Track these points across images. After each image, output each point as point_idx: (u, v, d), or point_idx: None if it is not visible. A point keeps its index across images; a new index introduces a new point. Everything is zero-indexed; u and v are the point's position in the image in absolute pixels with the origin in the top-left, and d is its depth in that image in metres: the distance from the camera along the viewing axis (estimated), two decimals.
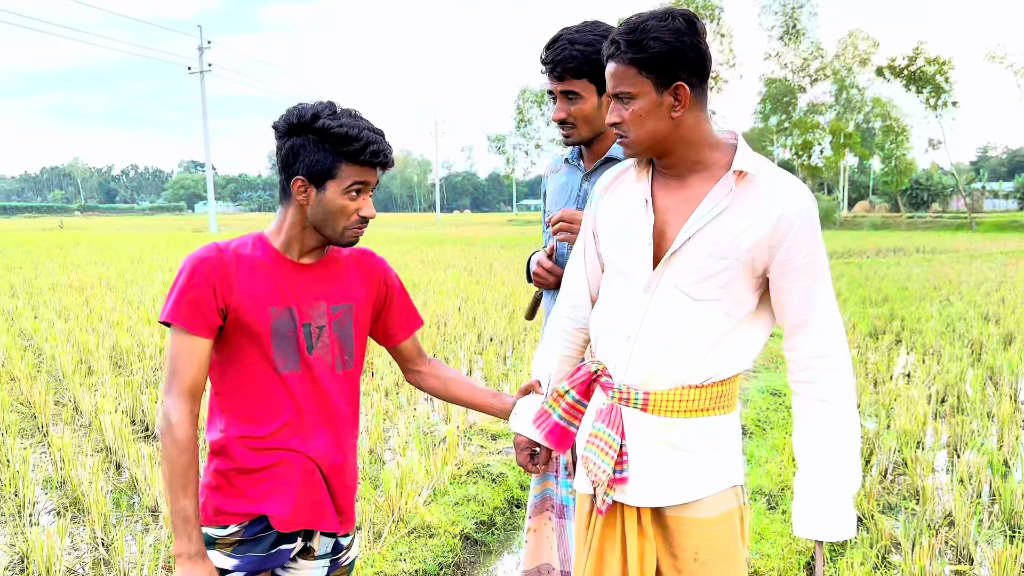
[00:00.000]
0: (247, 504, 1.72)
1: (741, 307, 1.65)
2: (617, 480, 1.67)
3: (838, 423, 1.64)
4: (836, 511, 1.64)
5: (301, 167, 1.66)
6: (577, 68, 2.11)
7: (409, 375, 2.07)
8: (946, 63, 45.55)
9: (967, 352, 8.02)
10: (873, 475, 4.57)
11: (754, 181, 1.62)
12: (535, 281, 2.38)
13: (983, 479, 4.49)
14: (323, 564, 1.84)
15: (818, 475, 1.65)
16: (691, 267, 1.62)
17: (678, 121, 1.61)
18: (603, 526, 1.73)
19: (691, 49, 1.57)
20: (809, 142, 53.83)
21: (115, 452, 4.77)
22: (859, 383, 6.76)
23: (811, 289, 1.63)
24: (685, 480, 1.67)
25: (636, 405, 1.68)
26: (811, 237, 1.62)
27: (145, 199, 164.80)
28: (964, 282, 14.76)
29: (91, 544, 3.63)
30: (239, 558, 1.73)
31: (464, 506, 4.04)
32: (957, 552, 3.66)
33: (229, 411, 1.73)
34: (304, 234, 1.74)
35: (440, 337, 8.58)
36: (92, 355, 7.30)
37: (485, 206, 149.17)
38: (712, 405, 1.67)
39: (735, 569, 1.70)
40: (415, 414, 5.65)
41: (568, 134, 2.23)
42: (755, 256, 1.61)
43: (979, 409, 5.90)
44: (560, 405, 1.83)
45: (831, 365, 1.63)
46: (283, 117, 1.69)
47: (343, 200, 1.67)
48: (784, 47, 54.48)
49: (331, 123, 1.62)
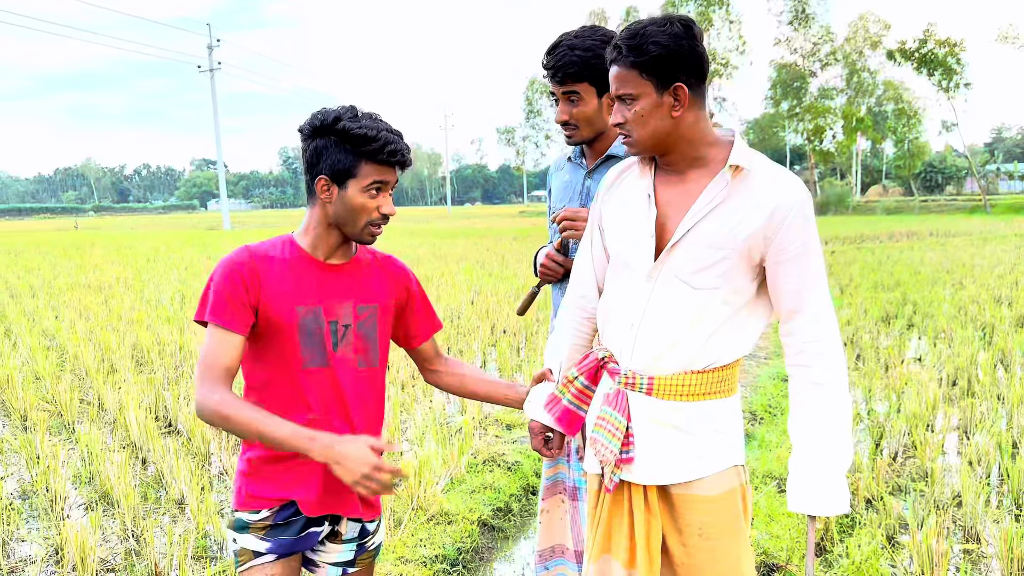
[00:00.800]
0: (277, 490, 1.83)
1: (739, 295, 1.73)
2: (623, 460, 1.77)
3: (830, 404, 1.72)
4: (829, 487, 1.72)
5: (324, 167, 1.76)
6: (577, 72, 2.22)
7: (427, 375, 2.17)
8: (957, 45, 45.16)
9: (979, 335, 8.05)
10: (883, 457, 4.64)
11: (750, 175, 1.71)
12: (542, 273, 2.48)
13: (992, 460, 4.55)
14: (350, 548, 1.95)
15: (812, 453, 1.74)
16: (691, 257, 1.71)
17: (678, 120, 1.70)
18: (611, 504, 1.83)
19: (688, 52, 1.66)
20: (821, 127, 53.59)
21: (140, 448, 4.91)
22: (870, 367, 6.82)
23: (804, 277, 1.70)
24: (688, 460, 1.76)
25: (641, 389, 1.77)
26: (804, 228, 1.69)
27: (158, 198, 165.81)
28: (977, 265, 14.73)
29: (121, 536, 3.75)
30: (271, 540, 1.83)
31: (481, 494, 4.14)
32: (965, 532, 3.73)
33: (259, 404, 1.82)
34: (328, 233, 1.84)
35: (454, 330, 8.69)
36: (114, 353, 7.45)
37: (496, 198, 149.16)
38: (714, 389, 1.76)
39: (738, 545, 1.79)
40: (431, 406, 5.76)
41: (571, 134, 2.34)
42: (751, 246, 1.69)
43: (989, 392, 5.94)
44: (570, 390, 1.92)
45: (824, 349, 1.72)
46: (308, 120, 1.79)
47: (363, 198, 1.77)
48: (794, 32, 54.21)
49: (351, 125, 1.73)
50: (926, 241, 22.76)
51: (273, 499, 1.83)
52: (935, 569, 3.26)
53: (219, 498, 4.16)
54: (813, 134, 53.87)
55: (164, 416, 5.62)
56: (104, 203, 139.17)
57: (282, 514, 1.84)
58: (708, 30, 53.68)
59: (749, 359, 7.70)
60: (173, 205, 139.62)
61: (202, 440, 4.89)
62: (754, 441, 5.06)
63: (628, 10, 55.41)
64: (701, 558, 1.77)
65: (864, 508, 3.97)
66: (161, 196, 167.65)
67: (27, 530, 3.85)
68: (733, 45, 54.50)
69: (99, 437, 4.97)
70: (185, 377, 6.60)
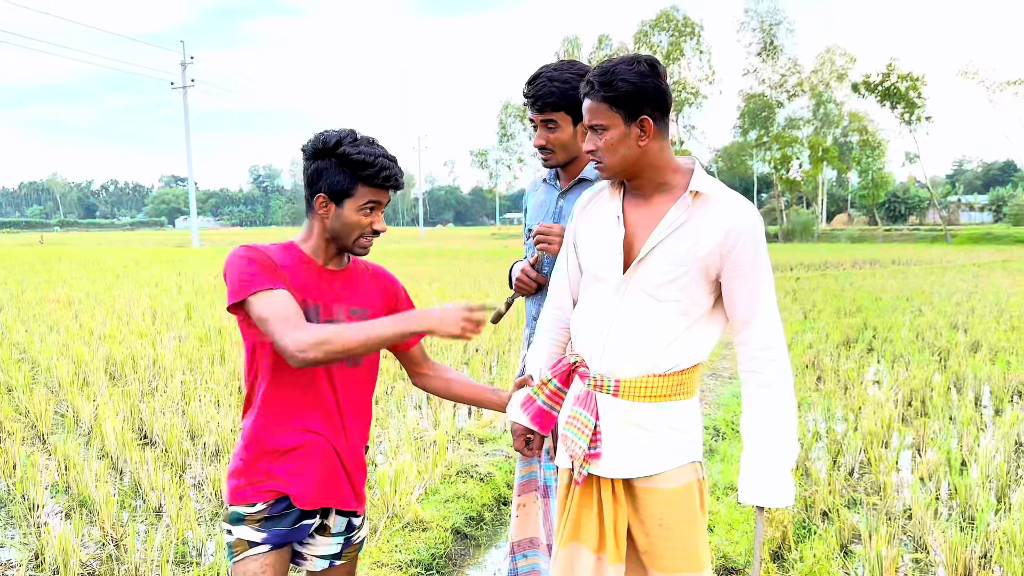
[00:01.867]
0: (272, 484, 1.96)
1: (697, 307, 1.93)
2: (591, 455, 1.95)
3: (778, 405, 1.91)
4: (776, 480, 1.91)
5: (323, 186, 1.94)
6: (556, 102, 2.44)
7: (415, 378, 2.33)
8: (918, 79, 46.50)
9: (935, 359, 8.36)
10: (840, 472, 4.85)
11: (708, 200, 1.91)
12: (517, 287, 2.67)
13: (942, 476, 4.78)
14: (337, 541, 2.09)
15: (761, 449, 1.92)
16: (655, 272, 1.91)
17: (644, 149, 1.90)
18: (581, 496, 2.01)
19: (653, 89, 1.87)
20: (788, 156, 54.70)
21: (117, 458, 4.96)
22: (830, 388, 7.06)
23: (755, 291, 1.90)
24: (650, 455, 1.94)
25: (609, 391, 1.96)
26: (755, 248, 1.90)
27: (125, 214, 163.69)
28: (936, 293, 15.19)
29: (101, 542, 3.82)
30: (266, 531, 1.96)
31: (454, 503, 4.28)
32: (914, 541, 3.93)
33: (261, 395, 1.97)
34: (327, 243, 2.01)
35: (427, 348, 8.80)
36: (87, 367, 7.47)
37: (468, 220, 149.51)
38: (674, 391, 1.95)
39: (695, 534, 1.97)
40: (405, 420, 5.88)
41: (547, 158, 2.57)
42: (709, 263, 1.89)
43: (942, 412, 6.20)
44: (544, 392, 2.11)
45: (772, 356, 1.92)
46: (311, 142, 1.96)
47: (358, 216, 1.95)
48: (762, 63, 55.42)
49: (351, 150, 1.90)
50: (888, 269, 23.34)
51: (269, 492, 1.96)
52: (884, 575, 3.46)
53: (197, 507, 4.24)
54: (780, 163, 54.97)
55: (139, 428, 5.67)
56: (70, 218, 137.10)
57: (276, 507, 1.97)
58: (679, 60, 54.74)
59: (714, 378, 7.92)
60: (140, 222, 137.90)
61: (179, 451, 4.96)
62: (717, 455, 5.25)
63: (601, 38, 56.37)
64: (662, 545, 1.94)
65: (820, 519, 4.16)
66: (128, 212, 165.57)
67: (6, 536, 3.90)
68: (703, 75, 55.66)
69: (76, 447, 5.02)
70: (160, 390, 6.65)
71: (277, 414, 1.96)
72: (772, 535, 3.86)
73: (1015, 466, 4.98)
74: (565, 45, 57.92)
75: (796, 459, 1.96)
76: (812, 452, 5.26)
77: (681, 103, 55.44)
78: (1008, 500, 4.44)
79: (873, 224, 61.05)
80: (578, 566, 1.99)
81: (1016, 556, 3.54)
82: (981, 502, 4.29)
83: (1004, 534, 3.73)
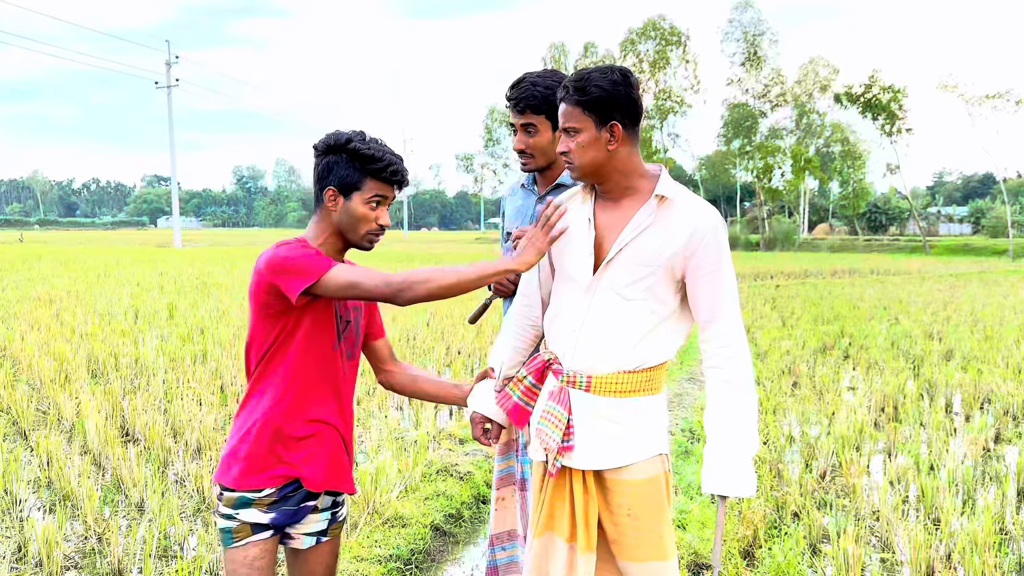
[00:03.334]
0: (284, 468, 2.04)
1: (664, 306, 2.03)
2: (565, 448, 2.04)
3: (739, 399, 2.01)
4: (739, 471, 2.00)
5: (334, 179, 2.05)
6: (537, 106, 2.53)
7: (381, 375, 2.42)
8: (900, 91, 47.08)
9: (908, 367, 8.52)
10: (812, 475, 4.96)
11: (673, 204, 2.02)
12: (496, 288, 2.76)
13: (911, 479, 4.90)
14: (324, 517, 2.19)
15: (723, 442, 2.01)
16: (623, 272, 2.01)
17: (613, 153, 2.01)
18: (554, 487, 2.10)
19: (624, 97, 1.97)
20: (770, 165, 55.17)
21: (99, 455, 5.00)
22: (805, 393, 7.19)
23: (717, 291, 2.00)
24: (620, 448, 2.04)
25: (581, 386, 2.06)
26: (717, 250, 1.99)
27: (107, 213, 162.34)
28: (913, 302, 15.42)
29: (83, 535, 3.86)
30: (276, 512, 2.05)
31: (434, 500, 4.35)
32: (881, 541, 4.04)
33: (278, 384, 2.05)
34: (334, 239, 2.11)
35: (409, 351, 8.88)
36: (69, 364, 7.47)
37: (453, 224, 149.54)
38: (643, 387, 2.05)
39: (661, 524, 2.06)
40: (387, 421, 5.94)
41: (526, 162, 2.66)
42: (673, 264, 1.99)
43: (913, 418, 6.35)
44: (519, 388, 2.21)
45: (733, 353, 2.01)
46: (323, 140, 2.08)
47: (365, 209, 2.05)
48: (746, 73, 55.89)
49: (361, 146, 2.02)
50: (867, 279, 23.64)
51: (280, 477, 2.04)
52: (850, 573, 3.56)
53: (180, 503, 4.29)
54: (763, 172, 55.44)
55: (122, 426, 5.70)
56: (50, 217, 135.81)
57: (284, 490, 2.05)
58: (665, 68, 55.10)
59: (690, 382, 8.03)
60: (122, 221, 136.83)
61: (161, 448, 5.00)
62: (692, 457, 5.35)
63: (587, 45, 56.61)
64: (630, 535, 2.03)
65: (791, 520, 4.27)
66: (110, 212, 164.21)
67: None
68: (688, 84, 56.09)
69: (58, 444, 5.05)
70: (141, 388, 6.67)
71: (295, 402, 2.05)
72: (743, 534, 3.96)
73: (981, 470, 5.12)
74: (552, 51, 58.15)
75: (756, 451, 2.05)
76: (785, 455, 5.38)
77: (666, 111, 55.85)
78: (973, 502, 4.57)
79: (854, 234, 61.66)
80: (551, 555, 2.08)
81: (977, 555, 3.66)
82: (947, 504, 4.41)
83: (967, 535, 3.85)
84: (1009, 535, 4.09)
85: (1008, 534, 4.10)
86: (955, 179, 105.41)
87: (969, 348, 9.61)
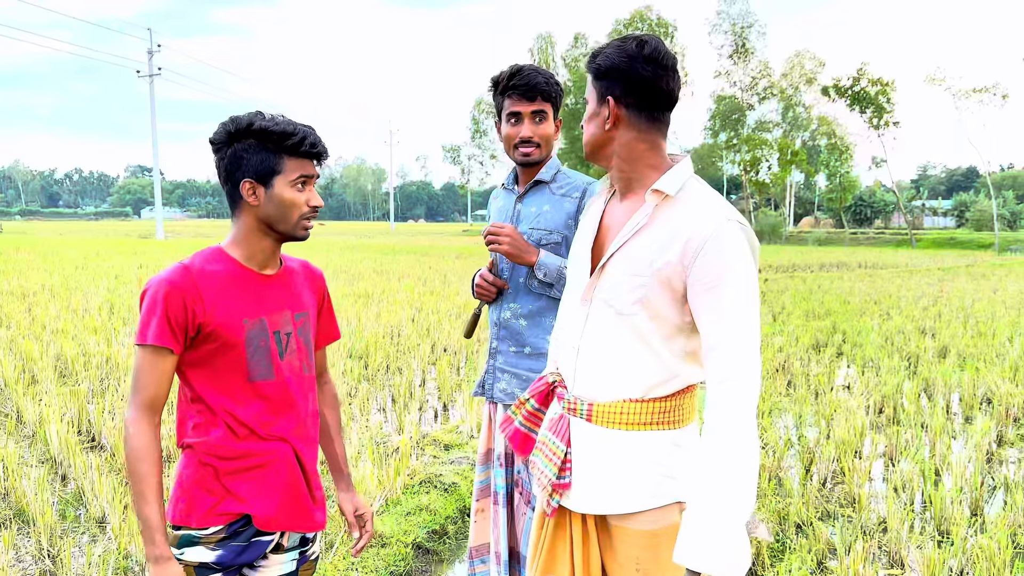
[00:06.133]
0: (234, 504, 1.78)
1: (665, 324, 1.67)
2: (560, 485, 1.74)
3: (729, 449, 1.55)
4: (722, 540, 1.53)
5: (247, 170, 1.75)
6: (547, 92, 2.41)
7: None
8: (888, 84, 47.02)
9: (904, 365, 8.33)
10: (813, 483, 4.74)
11: (676, 203, 1.67)
12: (478, 294, 2.59)
13: (916, 487, 4.69)
14: (292, 558, 1.92)
15: (703, 501, 1.56)
16: (613, 282, 1.70)
17: (611, 135, 1.72)
18: (555, 528, 1.81)
19: (630, 71, 1.66)
20: (757, 158, 55.07)
21: (61, 463, 4.70)
22: (801, 394, 6.98)
23: (718, 312, 1.58)
24: (626, 492, 1.70)
25: (582, 415, 1.75)
26: (717, 262, 1.59)
27: (90, 204, 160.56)
28: (903, 297, 15.27)
29: (37, 556, 3.58)
30: (222, 549, 1.78)
31: (416, 516, 4.08)
32: (890, 557, 3.82)
33: (208, 418, 1.78)
34: (262, 239, 1.81)
35: (394, 348, 8.60)
36: (35, 364, 7.15)
37: (440, 216, 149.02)
38: (654, 420, 1.70)
39: None
40: (368, 426, 5.67)
41: (529, 152, 2.47)
42: (670, 275, 1.63)
43: (914, 420, 6.14)
44: (521, 412, 1.92)
45: (732, 390, 1.57)
46: (219, 131, 1.77)
47: (292, 192, 1.77)
48: (734, 66, 55.76)
49: (268, 124, 1.73)
50: (855, 272, 23.50)
51: (230, 514, 1.78)
52: None
53: None
54: (749, 165, 55.31)
55: (87, 431, 5.40)
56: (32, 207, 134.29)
57: (233, 526, 1.79)
58: None
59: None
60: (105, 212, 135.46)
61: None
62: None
63: (577, 36, 56.28)
64: None
65: (794, 533, 4.04)
66: (93, 202, 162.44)
67: None
68: None
69: (16, 452, 4.75)
70: (111, 390, 6.37)
71: (244, 425, 1.78)
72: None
73: (987, 477, 4.92)
74: (539, 43, 57.78)
75: (747, 514, 1.56)
76: (784, 460, 5.15)
77: None
78: (982, 513, 4.36)
79: (839, 227, 61.72)
80: None
81: (996, 574, 3.44)
82: (956, 515, 4.20)
83: (982, 550, 3.64)
84: (1023, 549, 3.87)
85: (1022, 547, 3.89)
86: (939, 172, 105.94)
87: (963, 345, 9.43)
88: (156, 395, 1.72)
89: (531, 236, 2.48)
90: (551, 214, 2.48)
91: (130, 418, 1.71)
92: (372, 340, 8.65)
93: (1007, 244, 42.15)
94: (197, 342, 1.74)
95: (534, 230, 2.48)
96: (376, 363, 7.80)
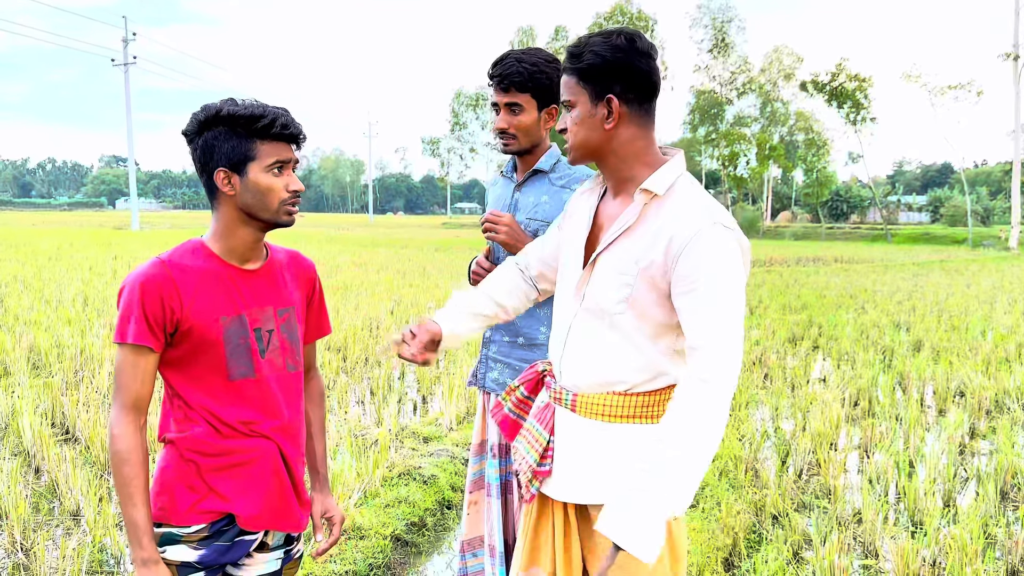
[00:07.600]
0: (217, 503, 1.75)
1: (650, 322, 1.68)
2: (540, 472, 1.75)
3: (689, 443, 1.55)
4: (647, 527, 1.54)
5: (220, 158, 1.69)
6: (522, 83, 2.34)
7: None
8: (866, 80, 47.43)
9: (879, 358, 8.43)
10: (789, 474, 4.79)
11: (663, 202, 1.67)
12: (473, 280, 2.56)
13: (890, 478, 4.75)
14: (277, 556, 1.89)
15: (649, 481, 1.55)
16: (602, 279, 1.70)
17: (610, 134, 1.68)
18: (538, 516, 1.82)
19: (626, 65, 1.64)
20: (735, 153, 55.33)
21: (34, 456, 4.64)
22: (778, 387, 7.04)
23: (701, 315, 1.58)
24: (606, 483, 1.71)
25: (567, 405, 1.76)
26: (699, 264, 1.58)
27: (63, 194, 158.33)
28: (878, 291, 15.44)
29: (9, 550, 3.53)
30: (205, 548, 1.76)
31: (395, 508, 4.07)
32: (865, 548, 3.87)
33: (189, 414, 1.75)
34: (243, 230, 1.75)
35: (372, 340, 8.57)
36: (8, 356, 7.05)
37: (419, 208, 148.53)
38: (639, 414, 1.70)
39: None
40: (346, 418, 5.65)
41: (507, 143, 2.45)
42: (654, 275, 1.63)
43: (888, 413, 6.22)
44: (511, 399, 1.93)
45: (709, 390, 1.56)
46: (190, 120, 1.72)
47: (268, 178, 1.70)
48: (713, 60, 55.93)
49: (237, 109, 1.68)
50: (831, 267, 23.73)
51: (212, 512, 1.75)
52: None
53: (117, 510, 3.96)
54: (728, 160, 55.57)
55: (61, 423, 5.34)
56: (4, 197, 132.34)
57: (216, 524, 1.77)
58: None
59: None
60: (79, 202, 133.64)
61: (101, 448, 4.66)
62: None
63: (558, 28, 56.19)
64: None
65: (771, 524, 4.08)
66: (66, 192, 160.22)
67: None
68: None
69: None
70: (85, 382, 6.29)
71: (226, 424, 1.75)
72: (723, 542, 3.75)
73: (960, 469, 4.99)
74: (520, 35, 57.63)
75: (680, 512, 1.58)
76: (761, 452, 5.20)
77: None
78: (955, 504, 4.42)
79: (816, 222, 62.23)
80: None
81: (968, 564, 3.50)
82: (929, 506, 4.26)
83: (954, 540, 3.69)
84: (995, 539, 3.94)
85: (993, 538, 3.95)
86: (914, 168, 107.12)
87: (937, 339, 9.56)
88: (139, 395, 1.69)
89: (528, 226, 2.46)
90: (548, 205, 2.46)
91: (114, 419, 1.68)
92: (351, 332, 8.61)
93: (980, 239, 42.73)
94: (176, 340, 1.71)
95: (531, 220, 2.47)
96: (355, 355, 7.77)
